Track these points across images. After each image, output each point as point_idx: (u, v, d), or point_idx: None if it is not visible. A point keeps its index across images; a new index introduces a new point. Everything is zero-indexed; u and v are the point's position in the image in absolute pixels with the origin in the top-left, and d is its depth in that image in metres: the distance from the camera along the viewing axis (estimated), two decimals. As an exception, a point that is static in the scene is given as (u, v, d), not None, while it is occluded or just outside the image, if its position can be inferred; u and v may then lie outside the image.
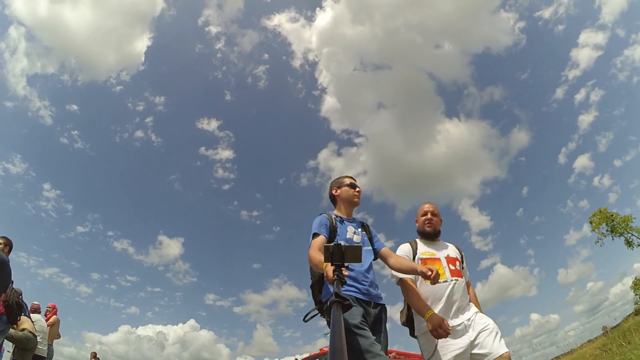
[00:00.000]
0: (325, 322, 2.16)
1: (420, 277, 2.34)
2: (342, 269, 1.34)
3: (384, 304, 2.37)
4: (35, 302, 6.33)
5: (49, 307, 6.95)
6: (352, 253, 1.33)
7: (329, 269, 1.49)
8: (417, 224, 2.74)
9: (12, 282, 4.89)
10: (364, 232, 2.54)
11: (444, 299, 2.33)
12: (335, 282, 1.29)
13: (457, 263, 2.55)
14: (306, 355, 10.73)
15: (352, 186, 2.56)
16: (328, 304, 1.16)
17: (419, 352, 2.61)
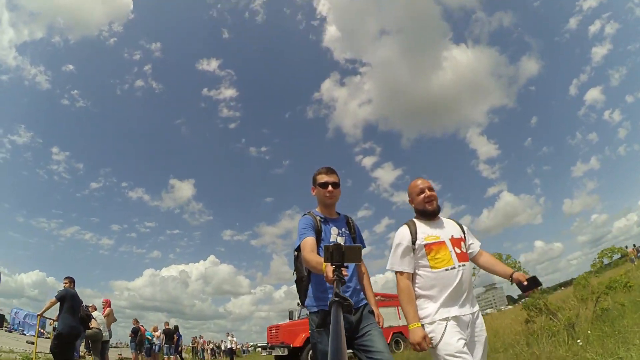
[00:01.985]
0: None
1: (424, 263, 2.18)
2: (342, 269, 1.32)
3: (365, 303, 2.29)
4: (92, 304, 8.30)
5: (104, 302, 8.90)
6: (352, 253, 1.30)
7: (329, 269, 1.47)
8: (412, 204, 2.40)
9: (82, 304, 6.74)
10: (349, 232, 2.44)
11: (451, 288, 2.08)
12: (335, 283, 1.27)
13: (462, 244, 2.25)
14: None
15: (323, 186, 2.36)
16: (328, 304, 1.17)
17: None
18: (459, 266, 2.14)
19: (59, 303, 5.87)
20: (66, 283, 6.16)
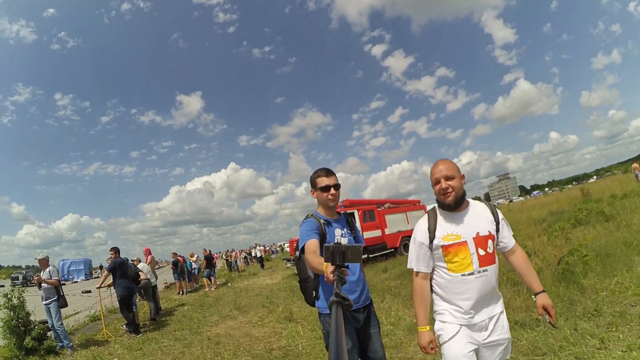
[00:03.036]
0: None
1: (441, 264, 1.99)
2: (343, 269, 1.30)
3: (370, 301, 2.40)
4: (136, 258, 9.68)
5: (144, 251, 10.36)
6: (353, 253, 1.28)
7: (329, 269, 1.45)
8: (433, 190, 2.09)
9: (128, 261, 7.91)
10: (350, 231, 2.46)
11: (467, 295, 1.91)
12: (335, 282, 1.24)
13: (490, 242, 1.94)
14: None
15: (324, 189, 2.36)
16: (328, 304, 1.17)
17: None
18: (479, 272, 1.91)
19: (111, 274, 7.05)
20: (112, 254, 7.26)
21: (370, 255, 14.78)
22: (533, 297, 1.99)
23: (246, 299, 10.82)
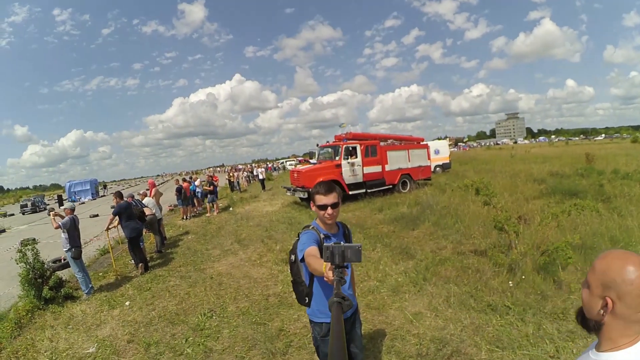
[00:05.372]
0: None
1: None
2: (342, 269, 1.32)
3: (356, 307, 2.57)
4: (142, 192, 9.98)
5: (149, 185, 10.66)
6: (353, 252, 1.30)
7: (329, 268, 1.45)
8: None
9: (133, 199, 8.21)
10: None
11: None
12: (335, 282, 1.27)
13: None
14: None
15: (321, 208, 2.37)
16: (328, 306, 1.20)
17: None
18: None
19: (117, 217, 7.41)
20: (115, 199, 7.56)
21: (369, 190, 15.26)
22: None
23: (246, 229, 11.48)
